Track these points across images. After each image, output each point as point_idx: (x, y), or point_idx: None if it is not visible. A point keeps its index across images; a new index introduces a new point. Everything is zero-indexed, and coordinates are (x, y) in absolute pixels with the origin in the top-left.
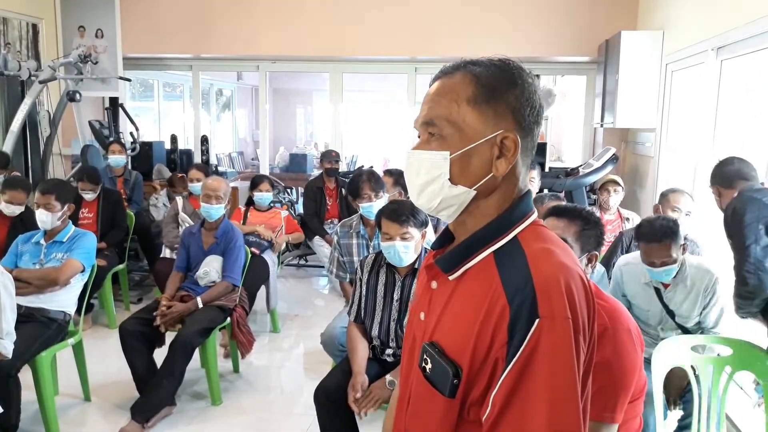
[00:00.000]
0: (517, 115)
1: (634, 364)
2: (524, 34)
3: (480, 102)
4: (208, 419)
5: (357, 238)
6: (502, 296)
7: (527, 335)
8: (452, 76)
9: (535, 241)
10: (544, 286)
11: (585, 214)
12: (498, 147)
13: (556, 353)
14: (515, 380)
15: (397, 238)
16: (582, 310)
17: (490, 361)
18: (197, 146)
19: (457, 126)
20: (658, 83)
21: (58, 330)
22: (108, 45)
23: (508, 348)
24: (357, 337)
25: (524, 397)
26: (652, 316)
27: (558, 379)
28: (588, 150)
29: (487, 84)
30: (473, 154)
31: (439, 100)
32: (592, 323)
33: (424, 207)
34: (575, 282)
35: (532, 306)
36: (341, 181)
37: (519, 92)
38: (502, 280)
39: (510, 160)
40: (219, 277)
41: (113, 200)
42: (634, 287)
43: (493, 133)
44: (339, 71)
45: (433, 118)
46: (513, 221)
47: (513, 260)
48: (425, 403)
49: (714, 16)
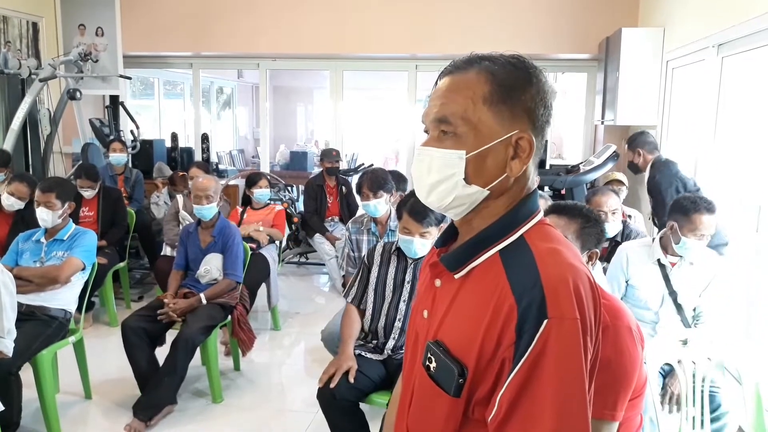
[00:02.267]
0: (532, 115)
1: (634, 362)
2: (525, 32)
3: (497, 101)
4: (209, 417)
5: (368, 234)
6: (509, 296)
7: (536, 336)
8: (466, 72)
9: (542, 241)
10: (553, 287)
11: (585, 212)
12: (513, 147)
13: (564, 355)
14: (523, 381)
15: (417, 236)
16: (589, 310)
17: (497, 361)
18: (198, 144)
19: (473, 125)
20: (658, 80)
21: (59, 328)
22: (108, 43)
23: (515, 348)
24: (353, 315)
25: (532, 399)
26: (653, 298)
27: (566, 380)
28: (589, 147)
29: (504, 83)
30: (488, 154)
31: (454, 97)
32: (598, 323)
33: (434, 205)
34: (583, 282)
35: (540, 306)
36: (342, 179)
37: (534, 92)
38: (510, 280)
39: (525, 160)
40: (220, 275)
41: (113, 198)
42: (640, 268)
43: (509, 133)
44: (339, 69)
45: (447, 115)
46: (519, 220)
47: (520, 260)
48: (429, 401)
49: (715, 14)
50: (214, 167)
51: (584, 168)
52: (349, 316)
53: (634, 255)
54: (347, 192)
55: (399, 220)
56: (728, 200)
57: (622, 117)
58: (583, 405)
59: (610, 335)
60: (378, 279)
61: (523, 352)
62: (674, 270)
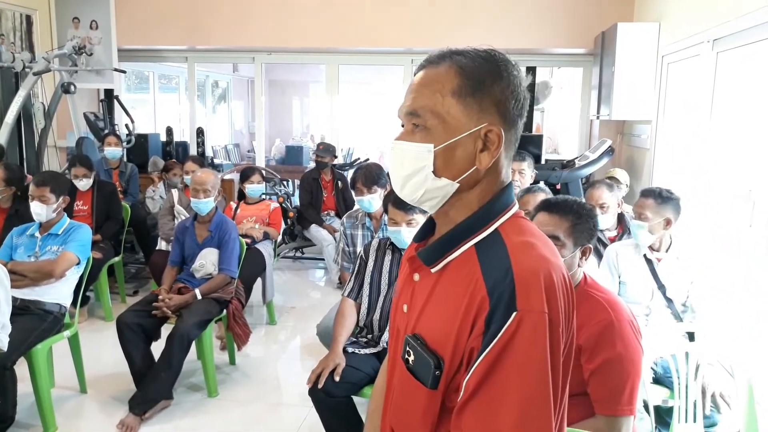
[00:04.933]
0: (502, 108)
1: (639, 354)
2: (520, 26)
3: (465, 94)
4: (205, 411)
5: (362, 229)
6: (482, 288)
7: (503, 327)
8: (437, 67)
9: (516, 234)
10: (524, 280)
11: (576, 208)
12: (482, 140)
13: (530, 346)
14: (488, 368)
15: (403, 225)
16: (561, 303)
17: (467, 350)
18: (193, 138)
19: (442, 118)
20: (654, 75)
21: (54, 322)
22: (103, 36)
23: (483, 338)
24: (347, 311)
25: (495, 386)
26: (643, 292)
27: (530, 372)
28: (584, 142)
29: (473, 76)
30: (457, 146)
31: (424, 91)
32: (570, 316)
33: (408, 198)
34: (556, 275)
35: (510, 299)
36: (337, 173)
37: (504, 85)
38: (483, 273)
39: (493, 153)
40: (215, 270)
41: (108, 192)
42: (628, 264)
43: (477, 126)
44: (335, 63)
45: (417, 108)
46: (494, 214)
47: (494, 253)
48: (408, 394)
49: (710, 8)
50: (209, 161)
51: (579, 163)
52: (342, 314)
53: (623, 252)
54: (343, 187)
55: (386, 213)
56: (722, 195)
57: (617, 112)
58: (546, 397)
59: (616, 331)
60: (373, 273)
61: (490, 341)
62: (660, 265)
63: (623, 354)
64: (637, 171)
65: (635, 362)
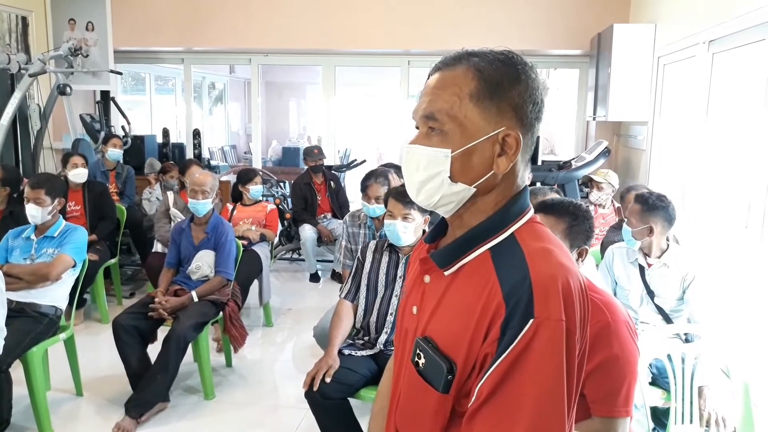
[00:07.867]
0: (520, 112)
1: (635, 355)
2: (517, 27)
3: (483, 98)
4: (201, 414)
5: (364, 228)
6: (498, 294)
7: (519, 334)
8: (454, 69)
9: (533, 240)
10: (542, 287)
11: (573, 210)
12: (500, 144)
13: (546, 355)
14: (502, 375)
15: (399, 218)
16: (577, 312)
17: (481, 356)
18: (189, 140)
19: (459, 122)
20: (650, 77)
21: (50, 325)
22: (99, 38)
23: (498, 344)
24: (344, 312)
25: (509, 393)
26: (633, 297)
27: (546, 380)
28: (580, 143)
29: (491, 80)
30: (474, 151)
31: (441, 94)
32: (585, 324)
33: (423, 203)
34: (573, 283)
35: (527, 305)
36: (328, 174)
37: (522, 89)
38: (499, 278)
39: (511, 158)
40: (212, 272)
41: (98, 191)
42: (621, 268)
43: (495, 130)
44: (332, 64)
45: (434, 112)
46: (510, 218)
47: (511, 258)
48: (417, 397)
49: (706, 10)
50: (205, 163)
51: (576, 164)
52: (339, 316)
53: (618, 255)
54: (336, 187)
55: (386, 207)
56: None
57: (613, 113)
58: (560, 407)
59: (612, 332)
60: (370, 274)
61: (505, 348)
62: (650, 271)
63: (620, 355)
64: (634, 172)
65: (632, 363)
